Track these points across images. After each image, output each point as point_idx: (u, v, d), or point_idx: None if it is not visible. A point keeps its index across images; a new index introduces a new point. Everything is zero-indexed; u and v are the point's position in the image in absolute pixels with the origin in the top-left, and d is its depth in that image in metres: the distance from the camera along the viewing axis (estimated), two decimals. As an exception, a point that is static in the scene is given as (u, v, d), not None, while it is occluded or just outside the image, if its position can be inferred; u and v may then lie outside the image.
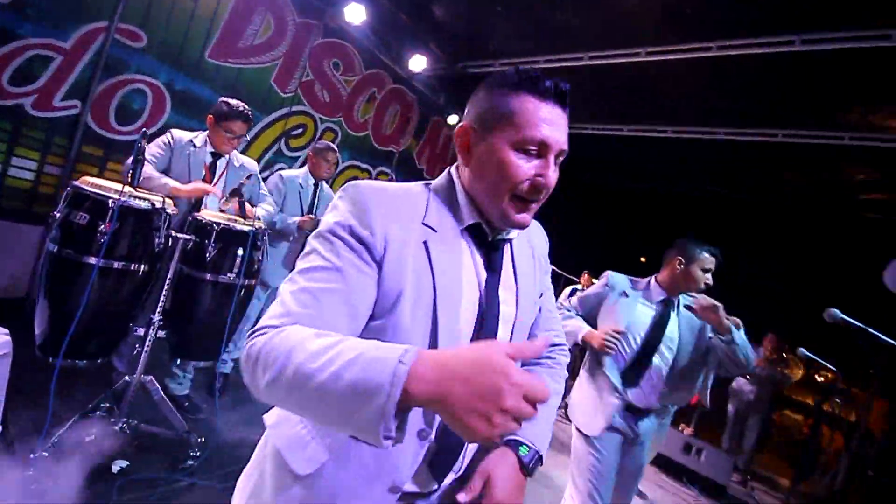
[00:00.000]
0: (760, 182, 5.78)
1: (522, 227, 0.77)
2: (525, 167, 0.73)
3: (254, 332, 0.65)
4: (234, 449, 2.31)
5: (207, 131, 2.40)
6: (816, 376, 7.68)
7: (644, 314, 1.91)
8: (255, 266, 2.26)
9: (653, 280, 1.99)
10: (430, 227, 0.75)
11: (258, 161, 4.02)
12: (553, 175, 0.74)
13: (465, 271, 0.76)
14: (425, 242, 0.73)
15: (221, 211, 2.30)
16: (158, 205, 1.88)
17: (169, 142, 2.32)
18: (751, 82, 3.79)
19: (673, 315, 1.92)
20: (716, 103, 4.36)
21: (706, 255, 1.86)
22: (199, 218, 2.08)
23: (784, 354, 4.70)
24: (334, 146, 3.15)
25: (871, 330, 1.66)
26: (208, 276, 2.08)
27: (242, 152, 3.84)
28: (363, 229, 0.70)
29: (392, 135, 5.20)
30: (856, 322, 1.67)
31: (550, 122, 0.73)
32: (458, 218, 0.78)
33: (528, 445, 0.80)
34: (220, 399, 2.66)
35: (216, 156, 2.43)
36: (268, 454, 0.79)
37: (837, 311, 1.70)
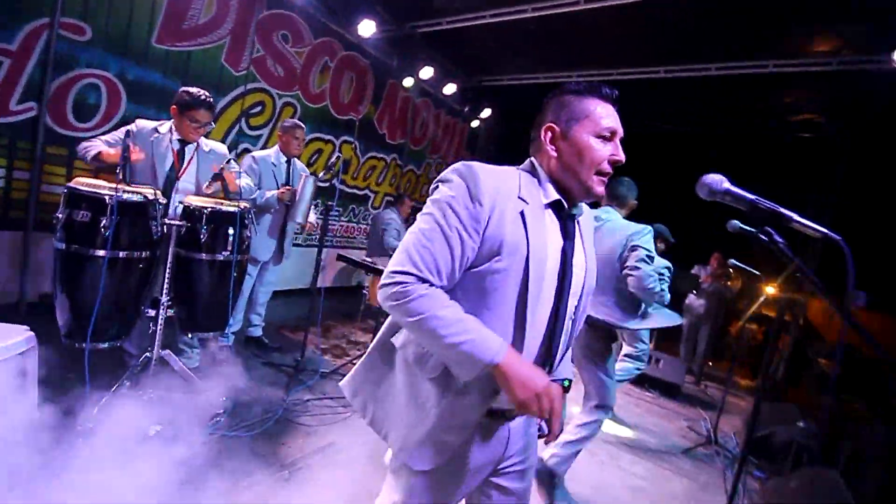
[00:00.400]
0: (702, 115, 6.17)
1: (601, 197, 1.05)
2: (604, 150, 1.00)
3: (395, 274, 0.92)
4: (250, 405, 2.63)
5: (172, 120, 2.47)
6: (765, 286, 8.51)
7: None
8: (246, 243, 2.48)
9: None
10: (523, 200, 0.98)
11: (221, 142, 4.10)
12: (622, 154, 1.02)
13: (550, 235, 0.99)
14: (522, 212, 0.96)
15: (209, 196, 2.47)
16: (151, 197, 2.06)
17: (130, 130, 2.32)
18: (679, 20, 4.06)
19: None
20: (653, 44, 4.63)
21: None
22: (187, 204, 2.27)
23: (730, 270, 5.28)
24: (300, 123, 3.29)
25: (762, 237, 2.06)
26: (205, 256, 2.29)
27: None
28: (473, 201, 0.93)
29: (350, 103, 5.26)
30: (751, 228, 2.05)
31: (614, 117, 1.02)
32: (544, 195, 1.02)
33: (568, 380, 1.13)
34: (226, 366, 2.93)
35: (183, 142, 2.49)
36: (399, 369, 1.06)
37: (737, 222, 2.08)
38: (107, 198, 1.93)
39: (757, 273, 3.11)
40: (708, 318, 5.32)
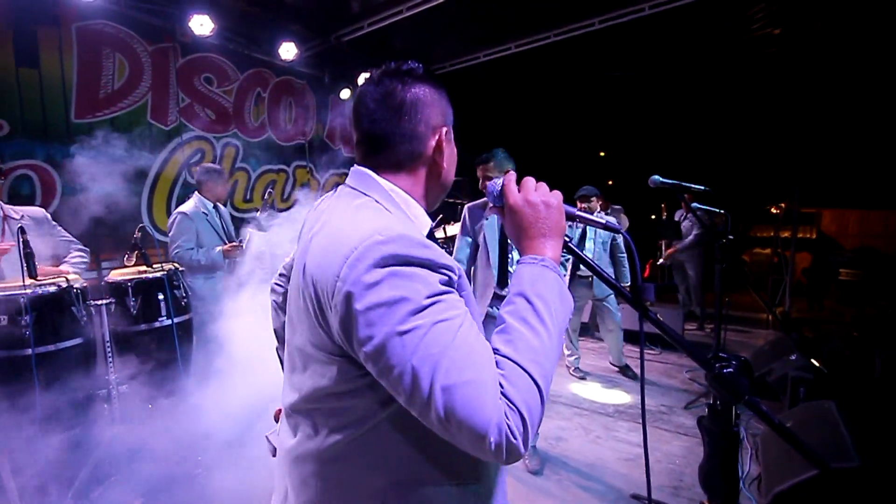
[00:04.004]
0: (658, 56, 5.93)
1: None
2: None
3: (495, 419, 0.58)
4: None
5: None
6: (773, 209, 8.30)
7: (493, 229, 2.48)
8: (184, 302, 2.48)
9: None
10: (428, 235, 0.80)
11: (168, 202, 4.11)
12: None
13: None
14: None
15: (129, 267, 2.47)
16: (65, 284, 2.06)
17: None
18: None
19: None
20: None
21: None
22: (110, 281, 2.27)
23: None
24: (217, 166, 3.26)
25: (683, 184, 1.97)
26: (143, 327, 2.30)
27: (150, 200, 3.95)
28: (448, 273, 0.66)
29: (294, 128, 5.21)
30: (671, 181, 1.97)
31: None
32: (423, 226, 0.80)
33: None
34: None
35: None
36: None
37: (657, 177, 1.99)
38: (21, 298, 1.94)
39: (719, 211, 2.99)
40: (693, 261, 5.18)
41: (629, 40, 5.24)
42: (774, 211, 8.09)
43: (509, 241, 2.33)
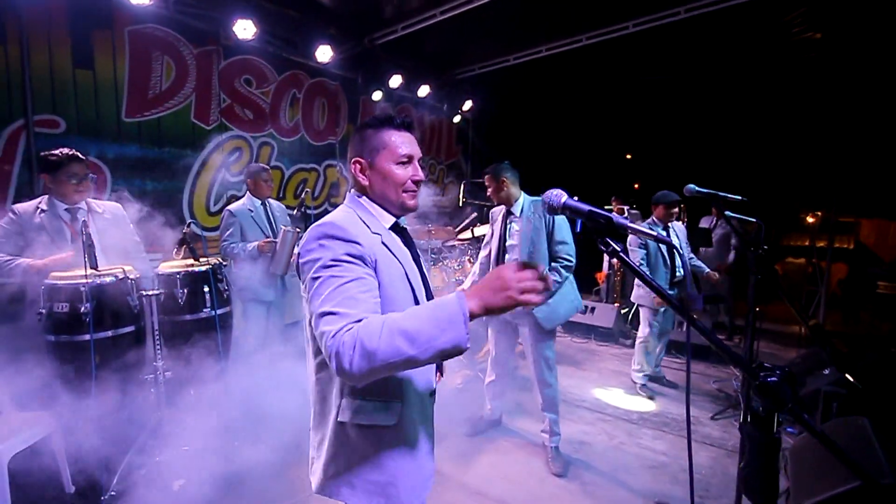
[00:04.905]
0: (692, 60, 5.84)
1: (416, 209, 1.22)
2: (405, 172, 1.18)
3: (334, 333, 0.91)
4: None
5: (46, 194, 2.37)
6: (809, 218, 8.03)
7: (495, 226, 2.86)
8: (226, 295, 2.61)
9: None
10: (376, 233, 1.13)
11: (208, 198, 4.29)
12: (421, 173, 1.21)
13: (403, 249, 1.20)
14: (383, 242, 1.12)
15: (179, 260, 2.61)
16: (121, 275, 2.20)
17: (13, 219, 2.23)
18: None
19: (513, 221, 2.77)
20: (612, 1, 4.43)
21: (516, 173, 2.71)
22: (160, 272, 2.41)
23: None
24: (264, 164, 3.40)
25: (719, 193, 1.97)
26: (188, 317, 2.43)
27: (191, 195, 4.13)
28: (356, 248, 1.03)
29: (326, 128, 5.35)
30: (706, 190, 1.97)
31: (410, 142, 1.19)
32: (383, 221, 1.18)
33: None
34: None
35: (70, 210, 2.37)
36: (352, 437, 1.11)
37: (693, 186, 2.00)
38: (80, 286, 2.08)
39: (752, 220, 2.95)
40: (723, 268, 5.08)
41: (663, 44, 5.18)
42: (810, 220, 7.82)
43: (507, 243, 2.78)
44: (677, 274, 3.68)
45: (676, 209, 3.66)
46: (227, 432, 2.62)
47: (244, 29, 3.95)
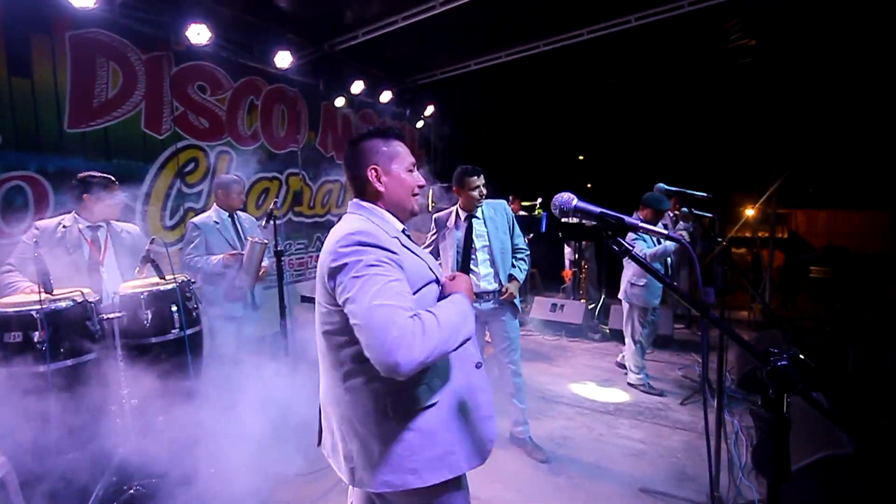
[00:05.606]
0: (643, 65, 6.15)
1: (418, 213, 1.34)
2: (413, 179, 1.31)
3: (400, 324, 0.99)
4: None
5: (74, 210, 2.49)
6: (748, 210, 8.62)
7: (458, 231, 2.89)
8: (195, 314, 2.47)
9: (457, 207, 2.93)
10: (395, 237, 1.20)
11: (162, 212, 4.06)
12: (422, 179, 1.34)
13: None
14: (404, 245, 1.21)
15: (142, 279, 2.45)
16: (80, 299, 2.04)
17: (35, 236, 2.28)
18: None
19: (477, 221, 2.86)
20: (569, 7, 4.60)
21: (471, 177, 2.74)
22: (123, 293, 2.25)
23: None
24: (236, 176, 3.28)
25: (687, 191, 2.09)
26: (154, 340, 2.28)
27: (144, 210, 3.89)
28: (391, 254, 1.11)
29: (287, 136, 5.20)
30: (674, 188, 2.09)
31: (409, 152, 1.33)
32: (394, 226, 1.27)
33: None
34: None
35: (93, 228, 2.51)
36: (401, 424, 1.15)
37: (662, 185, 2.11)
38: (33, 312, 1.91)
39: (709, 215, 3.15)
40: (682, 259, 5.38)
41: (615, 50, 5.43)
42: (750, 212, 8.45)
43: (474, 244, 2.85)
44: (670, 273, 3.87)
45: (666, 216, 3.77)
46: (201, 461, 2.47)
47: (198, 34, 3.78)
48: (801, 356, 0.82)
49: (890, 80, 5.34)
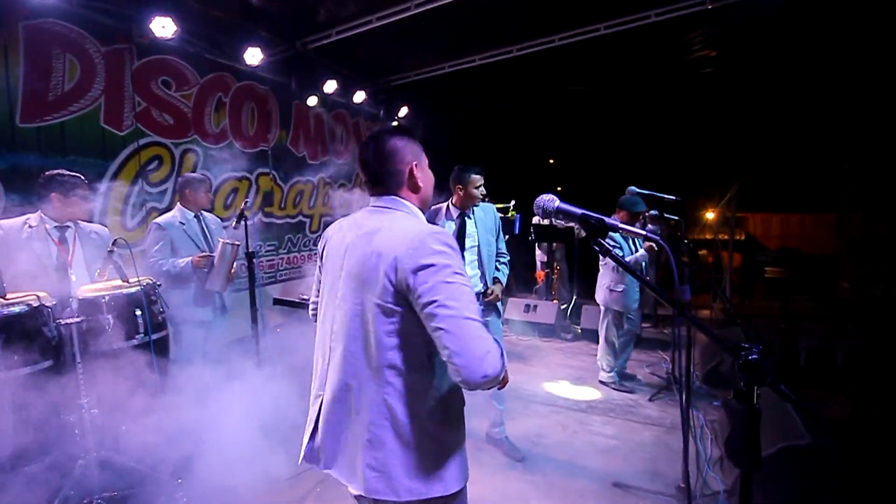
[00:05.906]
0: (614, 72, 6.33)
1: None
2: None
3: (493, 340, 1.04)
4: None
5: (41, 209, 2.40)
6: (707, 213, 8.99)
7: (448, 228, 2.79)
8: (161, 318, 2.37)
9: (449, 203, 2.87)
10: None
11: (123, 212, 3.87)
12: None
13: None
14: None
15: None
16: (35, 303, 1.92)
17: None
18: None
19: (469, 221, 2.82)
20: (541, 14, 4.69)
21: (473, 175, 2.69)
22: (82, 297, 2.13)
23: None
24: (203, 175, 3.17)
25: (657, 194, 2.17)
26: (117, 346, 2.17)
27: (103, 206, 3.70)
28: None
29: (257, 134, 5.06)
30: (647, 191, 2.16)
31: None
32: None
33: None
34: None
35: (61, 228, 2.43)
36: (435, 424, 1.15)
37: (633, 188, 2.18)
38: (-17, 318, 1.78)
39: (675, 218, 3.27)
40: (652, 259, 5.55)
41: (585, 57, 5.58)
42: (710, 215, 8.81)
43: (464, 244, 2.79)
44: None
45: (640, 219, 3.68)
46: (165, 473, 2.37)
47: (162, 27, 3.63)
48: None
49: (835, 95, 5.72)
